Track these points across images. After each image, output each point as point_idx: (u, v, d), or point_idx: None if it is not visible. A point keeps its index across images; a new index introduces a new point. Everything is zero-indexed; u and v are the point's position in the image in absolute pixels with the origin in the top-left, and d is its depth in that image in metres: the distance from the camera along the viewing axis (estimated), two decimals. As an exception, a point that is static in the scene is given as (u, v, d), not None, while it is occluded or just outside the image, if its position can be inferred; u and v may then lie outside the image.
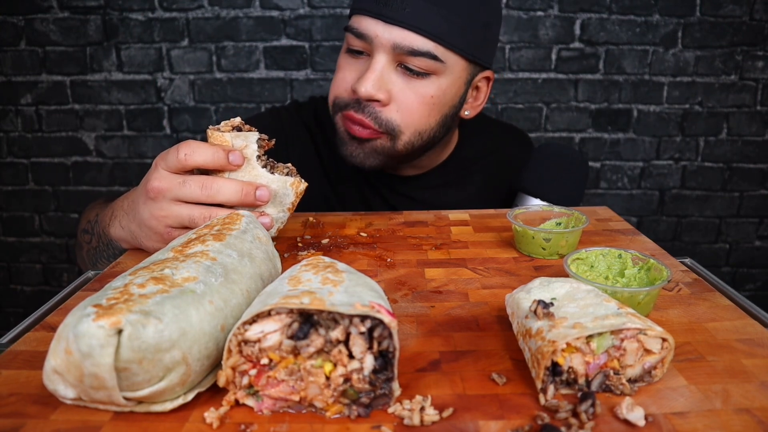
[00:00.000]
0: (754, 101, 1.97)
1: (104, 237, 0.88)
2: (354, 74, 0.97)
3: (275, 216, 0.79)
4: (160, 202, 0.74)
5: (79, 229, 0.97)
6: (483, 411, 0.46)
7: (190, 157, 0.72)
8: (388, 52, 0.92)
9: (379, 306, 0.46)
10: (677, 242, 2.12)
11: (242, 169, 0.76)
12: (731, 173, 2.05)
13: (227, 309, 0.51)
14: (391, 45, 0.91)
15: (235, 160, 0.74)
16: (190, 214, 0.74)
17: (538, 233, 0.78)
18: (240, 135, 0.76)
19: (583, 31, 1.90)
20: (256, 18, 1.89)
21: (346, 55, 0.99)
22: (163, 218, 0.75)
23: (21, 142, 2.04)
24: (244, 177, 0.76)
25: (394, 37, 0.91)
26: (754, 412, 0.46)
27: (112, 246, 0.87)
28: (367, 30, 0.92)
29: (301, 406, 0.47)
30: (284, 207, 0.79)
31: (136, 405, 0.46)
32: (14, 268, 2.18)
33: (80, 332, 0.42)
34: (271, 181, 0.77)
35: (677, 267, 0.75)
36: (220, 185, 0.74)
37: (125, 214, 0.82)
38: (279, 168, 0.79)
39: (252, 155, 0.76)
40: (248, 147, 0.76)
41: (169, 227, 0.75)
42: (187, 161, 0.73)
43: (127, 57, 1.93)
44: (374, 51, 0.93)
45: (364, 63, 0.96)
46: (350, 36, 0.95)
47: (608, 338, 0.48)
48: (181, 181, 0.73)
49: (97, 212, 0.93)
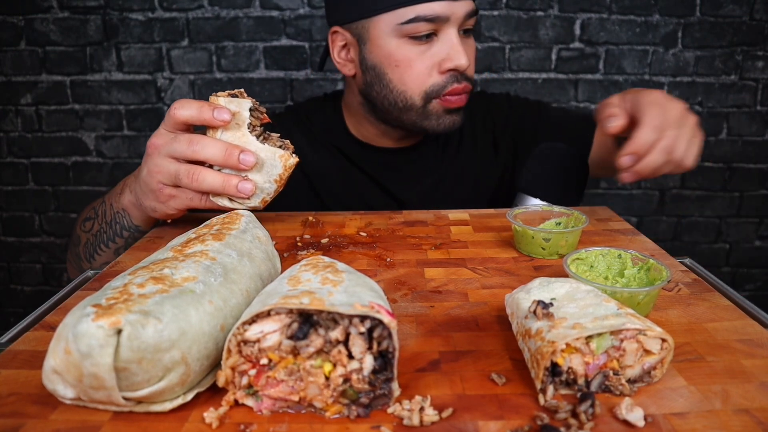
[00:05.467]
0: (754, 101, 1.97)
1: (111, 212, 0.90)
2: (432, 59, 1.01)
3: (260, 185, 0.79)
4: (155, 158, 0.78)
5: (78, 225, 0.98)
6: (482, 411, 0.46)
7: (179, 111, 0.77)
8: (458, 23, 0.99)
9: (379, 306, 0.45)
10: (677, 242, 2.12)
11: (233, 135, 0.78)
12: (731, 173, 2.05)
13: (227, 309, 0.51)
14: (463, 16, 0.99)
15: (220, 115, 0.75)
16: (177, 169, 0.77)
17: (537, 233, 0.78)
18: (233, 101, 0.78)
19: (583, 31, 1.90)
20: (256, 18, 1.89)
21: (411, 45, 1.00)
22: (156, 173, 0.79)
23: (21, 142, 2.03)
24: (234, 142, 0.78)
25: (464, 7, 0.98)
26: (754, 413, 0.46)
27: (116, 222, 0.89)
28: (442, 11, 0.97)
29: (300, 407, 0.47)
30: (271, 177, 0.79)
31: (135, 405, 0.46)
32: (14, 268, 2.18)
33: (80, 332, 0.42)
34: (259, 149, 0.78)
35: (677, 267, 0.75)
36: (206, 143, 0.76)
37: (134, 178, 0.86)
38: (272, 140, 0.81)
39: (243, 122, 0.78)
40: (240, 113, 0.78)
41: (160, 183, 0.79)
42: (177, 115, 0.77)
43: (127, 57, 1.93)
44: (446, 27, 0.99)
45: (433, 44, 1.00)
46: (419, 24, 0.97)
47: (608, 339, 0.48)
48: (172, 137, 0.77)
49: (104, 195, 0.95)
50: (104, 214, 0.91)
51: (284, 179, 0.80)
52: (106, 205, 0.92)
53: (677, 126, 0.78)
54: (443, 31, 0.99)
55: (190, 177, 0.76)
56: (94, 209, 0.95)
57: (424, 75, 1.01)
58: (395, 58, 1.01)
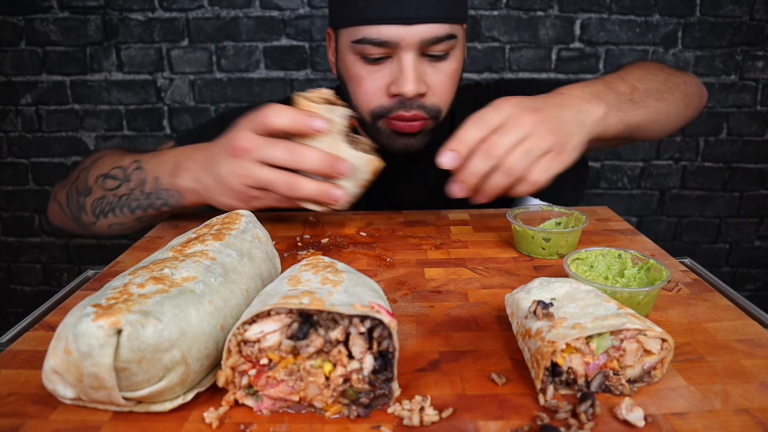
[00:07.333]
0: (754, 101, 1.97)
1: (156, 185, 0.87)
2: (382, 80, 0.96)
3: (349, 190, 0.80)
4: (244, 162, 0.77)
5: (90, 176, 0.93)
6: (482, 411, 0.46)
7: (275, 119, 0.75)
8: (414, 49, 0.93)
9: (379, 306, 0.45)
10: (677, 242, 2.12)
11: (326, 142, 0.77)
12: (731, 173, 2.05)
13: (227, 309, 0.51)
14: (418, 42, 0.92)
15: (318, 125, 0.75)
16: (273, 177, 0.77)
17: (537, 233, 0.78)
18: (330, 108, 0.77)
19: (583, 31, 1.90)
20: (256, 18, 1.89)
21: (363, 63, 0.97)
22: (243, 177, 0.78)
23: (21, 142, 2.03)
24: (326, 149, 0.77)
25: (419, 34, 0.92)
26: (754, 413, 0.46)
27: (159, 198, 0.87)
28: (390, 37, 0.91)
29: (300, 407, 0.47)
30: (358, 182, 0.81)
31: (135, 405, 0.46)
32: (14, 268, 2.18)
33: (80, 332, 0.42)
34: (351, 156, 0.78)
35: (677, 267, 0.75)
36: (306, 152, 0.75)
37: (200, 168, 0.83)
38: (361, 144, 0.81)
39: (337, 129, 0.78)
40: (335, 120, 0.77)
41: (247, 186, 0.78)
42: (272, 123, 0.75)
43: (127, 57, 1.93)
44: (400, 52, 0.93)
45: (389, 66, 0.96)
46: (367, 47, 0.94)
47: (608, 339, 0.48)
48: (265, 143, 0.76)
49: (136, 159, 0.90)
50: (141, 183, 0.88)
51: (369, 183, 0.81)
52: (145, 173, 0.88)
53: (519, 133, 0.72)
54: (398, 54, 0.93)
55: (289, 187, 0.76)
56: (124, 171, 0.90)
57: (371, 95, 0.98)
58: (350, 73, 1.00)
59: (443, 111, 1.01)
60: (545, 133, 0.73)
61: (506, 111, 0.74)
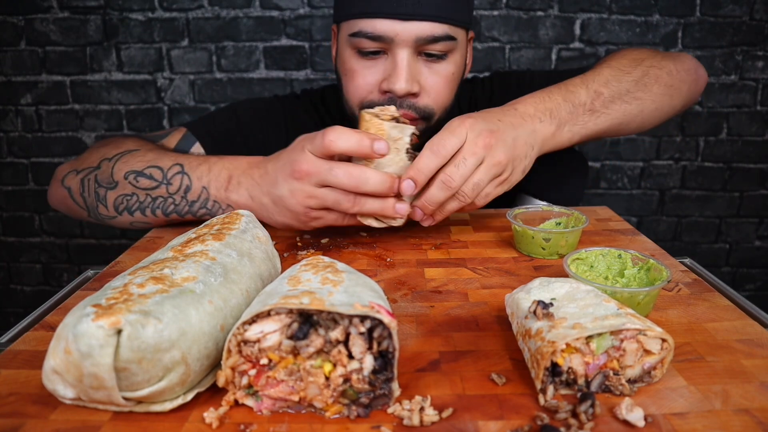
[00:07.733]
0: (754, 101, 1.97)
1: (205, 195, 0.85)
2: (375, 75, 0.97)
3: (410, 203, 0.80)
4: (305, 185, 0.77)
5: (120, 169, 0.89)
6: (482, 411, 0.46)
7: (336, 142, 0.74)
8: (410, 46, 0.93)
9: (379, 306, 0.45)
10: (677, 242, 2.12)
11: (392, 160, 0.77)
12: (731, 173, 2.05)
13: (227, 309, 0.51)
14: (414, 39, 0.92)
15: (380, 149, 0.75)
16: (336, 198, 0.76)
17: (537, 233, 0.78)
18: (397, 126, 0.77)
19: (583, 31, 1.90)
20: (256, 18, 1.89)
21: (358, 57, 0.97)
22: (305, 199, 0.77)
23: (21, 142, 2.03)
24: (391, 167, 0.77)
25: (415, 31, 0.92)
26: (754, 413, 0.46)
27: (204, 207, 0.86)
28: (384, 31, 0.92)
29: (300, 407, 0.47)
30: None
31: (135, 405, 0.46)
32: (14, 268, 2.18)
33: (80, 332, 0.42)
34: None
35: (677, 267, 0.75)
36: (368, 176, 0.75)
37: (256, 185, 0.83)
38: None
39: (403, 148, 0.78)
40: (402, 139, 0.77)
41: (308, 208, 0.78)
42: (333, 146, 0.74)
43: (127, 57, 1.93)
44: (395, 48, 0.93)
45: (384, 62, 0.96)
46: (362, 40, 0.94)
47: (608, 339, 0.48)
48: (328, 168, 0.75)
49: (178, 162, 0.88)
50: (185, 189, 0.86)
51: None
52: (190, 180, 0.86)
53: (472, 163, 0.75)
54: (393, 51, 0.94)
55: (353, 203, 0.77)
56: (163, 172, 0.87)
57: (363, 90, 0.98)
58: (345, 66, 1.00)
59: (436, 113, 1.00)
60: (497, 159, 0.77)
61: (462, 135, 0.76)
